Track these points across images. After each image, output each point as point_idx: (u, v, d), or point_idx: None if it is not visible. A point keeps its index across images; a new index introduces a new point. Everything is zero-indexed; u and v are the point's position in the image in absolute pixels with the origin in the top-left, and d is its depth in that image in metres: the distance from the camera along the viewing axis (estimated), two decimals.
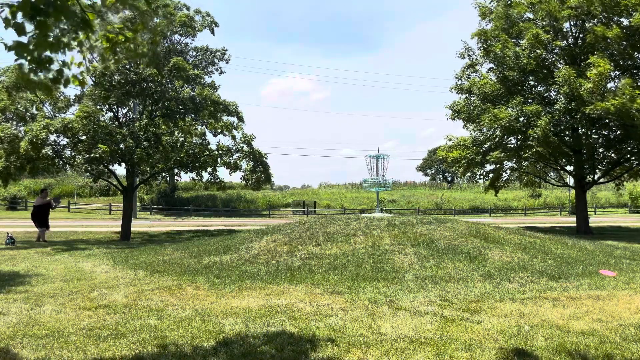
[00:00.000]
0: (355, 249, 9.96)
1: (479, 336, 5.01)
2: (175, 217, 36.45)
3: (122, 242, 17.26)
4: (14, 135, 15.42)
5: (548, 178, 29.45)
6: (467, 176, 24.82)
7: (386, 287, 7.41)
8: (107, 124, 17.15)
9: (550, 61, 20.90)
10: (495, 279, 7.97)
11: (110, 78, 16.91)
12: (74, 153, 16.39)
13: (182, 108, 18.29)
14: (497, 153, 20.13)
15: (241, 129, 20.03)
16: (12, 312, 6.01)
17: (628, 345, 4.77)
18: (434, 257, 9.28)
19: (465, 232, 11.22)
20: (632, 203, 46.32)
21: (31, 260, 11.18)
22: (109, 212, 36.53)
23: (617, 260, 10.30)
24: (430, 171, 69.00)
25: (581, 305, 6.37)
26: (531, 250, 10.25)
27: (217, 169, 20.02)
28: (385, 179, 16.69)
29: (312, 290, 7.25)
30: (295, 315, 5.81)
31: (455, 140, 22.75)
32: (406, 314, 5.89)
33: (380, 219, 12.26)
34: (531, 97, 20.85)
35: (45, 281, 8.17)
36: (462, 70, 23.25)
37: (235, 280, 7.99)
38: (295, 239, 10.87)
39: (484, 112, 20.37)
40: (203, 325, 5.38)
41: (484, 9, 22.65)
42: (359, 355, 4.47)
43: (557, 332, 5.17)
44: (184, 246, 12.66)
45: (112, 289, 7.41)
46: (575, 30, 21.34)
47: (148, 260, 10.53)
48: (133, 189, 19.42)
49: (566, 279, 8.06)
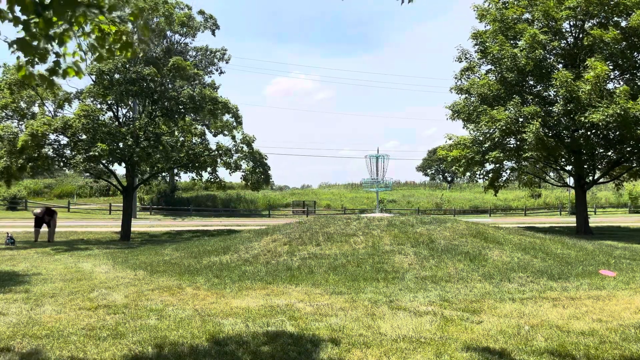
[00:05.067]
0: (355, 249, 9.96)
1: (479, 336, 5.01)
2: (175, 217, 36.44)
3: (122, 242, 17.26)
4: (15, 134, 15.43)
5: (548, 178, 29.46)
6: (467, 176, 24.84)
7: (386, 287, 7.41)
8: (106, 123, 17.16)
9: (549, 62, 20.89)
10: (495, 279, 7.97)
11: (111, 77, 16.92)
12: (74, 153, 16.41)
13: (182, 108, 18.30)
14: (496, 153, 20.15)
15: (241, 129, 20.04)
16: (12, 312, 6.01)
17: (628, 345, 4.77)
18: (434, 257, 9.29)
19: (465, 232, 11.22)
20: (631, 203, 46.33)
21: (31, 260, 11.17)
22: (109, 212, 36.51)
23: (617, 260, 10.30)
24: (430, 171, 68.98)
25: (581, 305, 6.37)
26: (531, 250, 10.26)
27: (217, 169, 20.05)
28: (385, 179, 16.69)
29: (312, 290, 7.25)
30: (295, 316, 5.81)
31: (455, 140, 22.76)
32: (406, 314, 5.89)
33: (380, 219, 12.26)
34: (530, 98, 20.84)
35: (45, 281, 8.17)
36: (461, 73, 23.26)
37: (235, 281, 7.99)
38: (295, 239, 10.87)
39: (482, 113, 20.37)
40: (203, 326, 5.38)
41: (482, 11, 22.64)
42: (359, 355, 4.47)
43: (557, 332, 5.17)
44: (184, 246, 12.66)
45: (112, 289, 7.41)
46: (574, 30, 21.34)
47: (148, 261, 10.53)
48: (133, 189, 19.42)
49: (566, 279, 8.06)
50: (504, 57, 20.25)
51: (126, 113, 20.22)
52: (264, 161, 20.17)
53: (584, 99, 18.23)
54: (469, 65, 23.20)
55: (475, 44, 22.60)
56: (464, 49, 23.53)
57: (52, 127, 15.62)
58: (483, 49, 21.96)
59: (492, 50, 20.74)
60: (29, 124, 15.41)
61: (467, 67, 23.20)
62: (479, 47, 22.39)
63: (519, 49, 20.23)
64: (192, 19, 20.36)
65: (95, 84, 17.18)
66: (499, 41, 20.69)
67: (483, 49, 21.97)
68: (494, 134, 20.09)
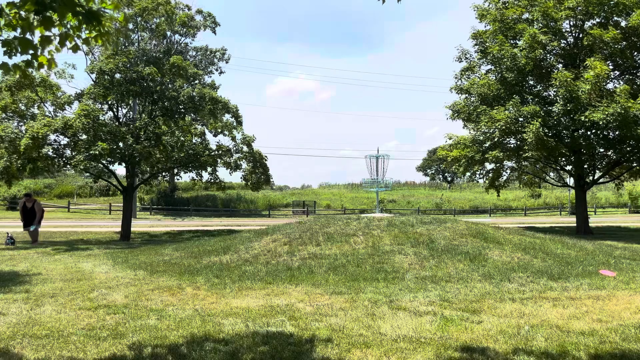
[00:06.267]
0: (355, 249, 9.96)
1: (479, 336, 5.01)
2: (175, 217, 36.44)
3: (122, 242, 17.26)
4: (15, 135, 15.43)
5: (548, 178, 29.43)
6: (467, 175, 24.84)
7: (386, 287, 7.41)
8: (106, 123, 17.16)
9: (548, 62, 20.89)
10: (495, 279, 7.97)
11: (111, 77, 16.92)
12: (74, 153, 16.40)
13: (182, 107, 18.30)
14: (496, 152, 20.15)
15: (241, 129, 20.05)
16: (12, 312, 6.01)
17: (628, 345, 4.77)
18: (434, 257, 9.29)
19: (465, 232, 11.22)
20: (631, 203, 46.33)
21: (31, 260, 11.17)
22: (109, 212, 36.52)
23: (617, 260, 10.30)
24: (430, 171, 69.00)
25: (581, 305, 6.37)
26: (531, 250, 10.26)
27: (217, 169, 20.05)
28: (385, 179, 16.70)
29: (312, 290, 7.25)
30: (295, 316, 5.81)
31: (455, 139, 22.76)
32: (406, 314, 5.89)
33: (380, 219, 12.27)
34: (530, 97, 20.84)
35: (45, 281, 8.17)
36: (461, 73, 23.27)
37: (235, 281, 7.99)
38: (295, 239, 10.87)
39: (482, 113, 20.38)
40: (203, 326, 5.38)
41: (482, 11, 22.65)
42: (359, 355, 4.47)
43: (557, 332, 5.17)
44: (184, 246, 12.66)
45: (112, 289, 7.41)
46: (574, 30, 21.34)
47: (148, 260, 10.53)
48: (133, 189, 19.42)
49: (566, 279, 8.06)
50: (504, 57, 20.25)
51: (126, 113, 20.23)
52: (263, 161, 20.18)
53: (584, 98, 18.23)
54: (469, 65, 23.21)
55: (475, 44, 22.62)
56: (464, 49, 23.56)
57: (52, 127, 15.62)
58: (483, 49, 21.97)
59: (492, 50, 20.74)
60: (29, 126, 15.40)
61: (467, 67, 23.20)
62: (479, 47, 22.40)
63: (519, 49, 20.23)
64: (193, 19, 20.37)
65: (95, 84, 17.18)
66: (499, 41, 20.70)
67: (483, 49, 21.98)
68: (493, 134, 20.10)
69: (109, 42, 3.67)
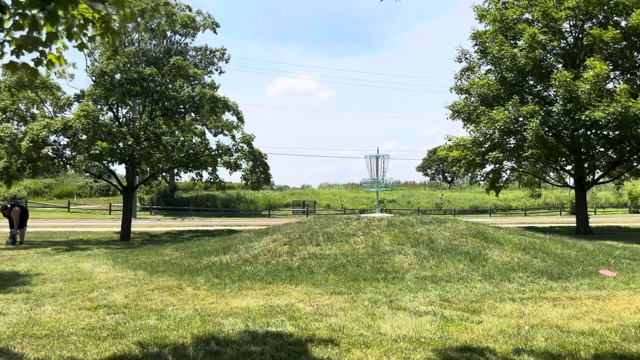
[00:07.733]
0: (355, 249, 9.96)
1: (479, 336, 5.01)
2: (175, 217, 36.43)
3: (122, 242, 17.26)
4: (15, 135, 15.43)
5: (548, 178, 29.44)
6: (467, 177, 24.87)
7: (386, 287, 7.41)
8: (106, 123, 17.15)
9: (548, 62, 20.90)
10: (495, 279, 7.97)
11: (112, 77, 16.92)
12: (74, 153, 16.40)
13: (182, 107, 18.29)
14: (495, 153, 20.16)
15: (241, 128, 20.05)
16: (12, 312, 6.01)
17: (628, 345, 4.77)
18: (434, 257, 9.29)
19: (465, 232, 11.22)
20: (631, 203, 46.31)
21: (31, 260, 11.17)
22: (109, 212, 36.52)
23: (617, 260, 10.30)
24: (430, 171, 68.98)
25: (581, 305, 6.37)
26: (531, 250, 10.26)
27: (217, 169, 20.06)
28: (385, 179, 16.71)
29: (312, 290, 7.25)
30: (295, 316, 5.81)
31: (455, 140, 22.77)
32: (406, 314, 5.89)
33: (380, 219, 12.26)
34: (530, 97, 20.85)
35: (45, 281, 8.17)
36: (461, 73, 23.28)
37: (235, 281, 7.99)
38: (295, 239, 10.87)
39: (482, 114, 20.39)
40: (203, 326, 5.38)
41: (482, 11, 22.65)
42: (359, 355, 4.47)
43: (557, 332, 5.17)
44: (184, 246, 12.66)
45: (112, 289, 7.41)
46: (574, 30, 21.34)
47: (148, 260, 10.53)
48: (133, 189, 19.42)
49: (566, 279, 8.06)
50: (504, 57, 20.25)
51: (126, 113, 20.23)
52: (263, 160, 20.16)
53: (584, 98, 18.24)
54: (469, 65, 23.22)
55: (475, 44, 22.63)
56: (463, 49, 23.58)
57: (51, 128, 15.61)
58: (483, 49, 21.98)
59: (492, 50, 20.75)
60: (29, 128, 15.39)
61: (467, 67, 23.22)
62: (479, 47, 22.41)
63: (519, 49, 20.24)
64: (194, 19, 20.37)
65: (96, 84, 17.16)
66: (499, 41, 20.71)
67: (483, 49, 21.99)
68: (493, 134, 20.11)
69: (115, 39, 3.65)
